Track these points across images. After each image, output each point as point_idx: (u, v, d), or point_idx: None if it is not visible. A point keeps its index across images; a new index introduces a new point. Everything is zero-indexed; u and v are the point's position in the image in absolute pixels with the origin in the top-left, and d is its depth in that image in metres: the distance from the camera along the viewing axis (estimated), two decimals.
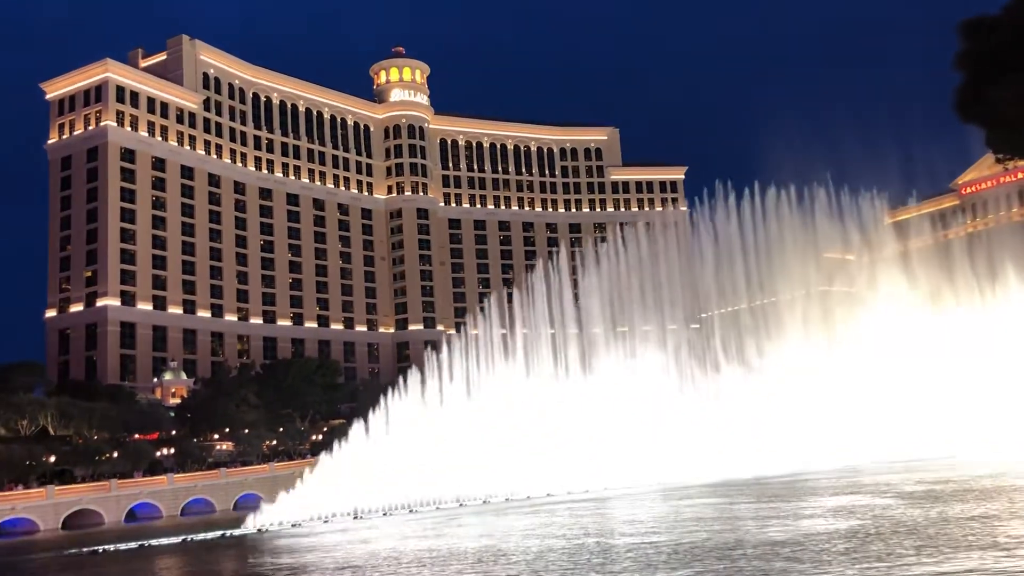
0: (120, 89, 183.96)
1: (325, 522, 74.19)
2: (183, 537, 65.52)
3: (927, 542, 32.16)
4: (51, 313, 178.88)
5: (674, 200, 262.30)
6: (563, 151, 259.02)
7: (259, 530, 70.36)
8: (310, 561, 44.56)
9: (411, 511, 80.00)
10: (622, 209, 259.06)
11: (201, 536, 66.80)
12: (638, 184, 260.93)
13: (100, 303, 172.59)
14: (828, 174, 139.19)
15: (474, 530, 53.89)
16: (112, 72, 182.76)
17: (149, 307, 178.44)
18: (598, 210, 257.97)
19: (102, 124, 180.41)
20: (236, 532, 70.02)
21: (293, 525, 72.68)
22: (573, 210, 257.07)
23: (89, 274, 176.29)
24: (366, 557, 43.34)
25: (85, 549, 63.81)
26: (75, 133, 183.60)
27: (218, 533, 69.14)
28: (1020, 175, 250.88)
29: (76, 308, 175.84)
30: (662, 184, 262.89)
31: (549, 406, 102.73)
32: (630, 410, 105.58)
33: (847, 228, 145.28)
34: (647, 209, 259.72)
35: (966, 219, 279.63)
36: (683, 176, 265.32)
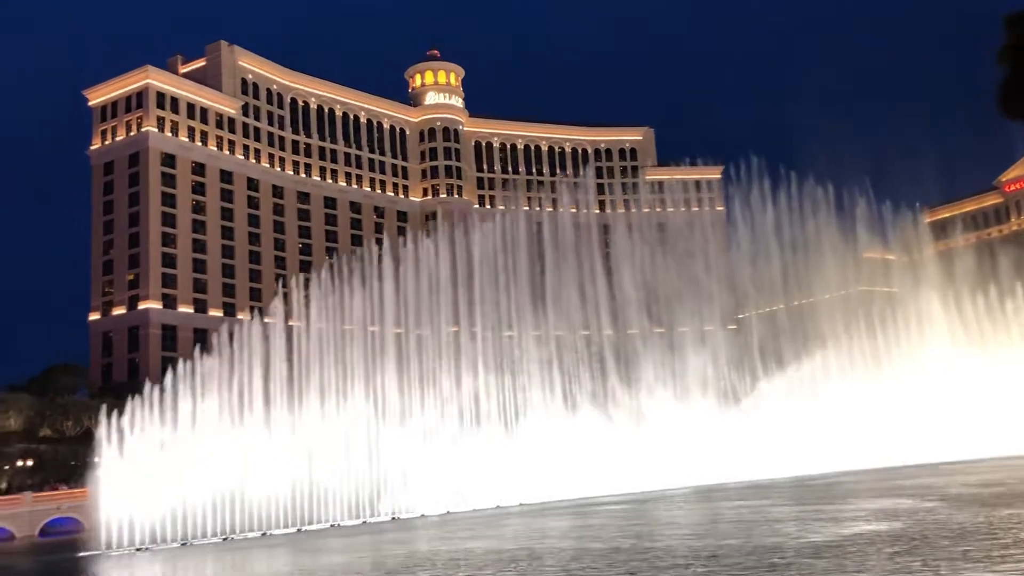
0: (160, 95, 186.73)
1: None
2: None
3: (975, 547, 31.60)
4: (94, 316, 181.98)
5: (711, 200, 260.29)
6: (598, 151, 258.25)
7: None
8: None
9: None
10: (658, 209, 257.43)
11: None
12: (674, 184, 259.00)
13: (142, 306, 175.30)
14: (868, 180, 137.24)
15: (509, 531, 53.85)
16: (152, 79, 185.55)
17: (190, 310, 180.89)
18: (633, 210, 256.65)
19: (143, 130, 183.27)
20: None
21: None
22: (608, 211, 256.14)
23: (131, 277, 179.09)
24: None
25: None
26: (117, 139, 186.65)
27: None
28: None
29: (119, 311, 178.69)
30: (698, 184, 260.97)
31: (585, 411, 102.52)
32: (668, 412, 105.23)
33: (886, 227, 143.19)
34: (683, 209, 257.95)
35: (1010, 217, 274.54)
36: (719, 176, 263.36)
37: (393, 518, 78.51)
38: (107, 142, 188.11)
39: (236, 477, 73.06)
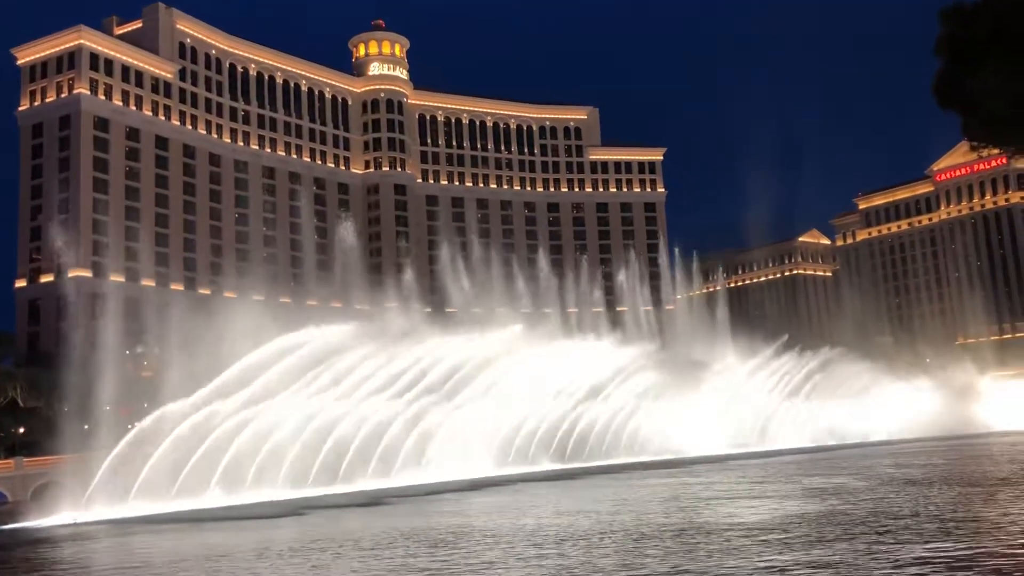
0: (94, 57, 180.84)
1: None
2: None
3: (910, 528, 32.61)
4: (21, 283, 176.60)
5: (652, 181, 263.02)
6: (542, 129, 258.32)
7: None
8: None
9: None
10: (600, 189, 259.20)
11: None
12: (617, 164, 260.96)
13: (71, 274, 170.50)
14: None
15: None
16: (86, 40, 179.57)
17: (122, 279, 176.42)
18: (577, 190, 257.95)
19: (75, 92, 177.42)
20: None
21: None
22: (552, 189, 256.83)
23: (60, 244, 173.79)
24: None
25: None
26: (47, 101, 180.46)
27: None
28: (994, 163, 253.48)
29: (47, 279, 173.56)
30: (640, 165, 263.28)
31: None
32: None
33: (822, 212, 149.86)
34: (625, 190, 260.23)
35: (939, 206, 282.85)
36: (661, 157, 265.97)
37: None
38: (36, 103, 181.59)
39: None
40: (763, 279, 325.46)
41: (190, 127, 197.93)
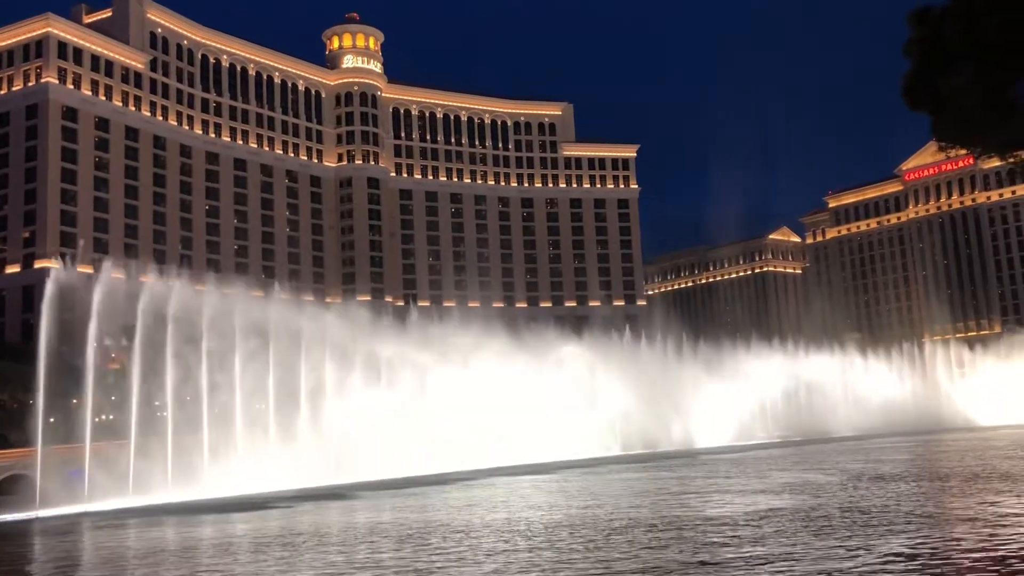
0: (62, 45, 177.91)
1: None
2: None
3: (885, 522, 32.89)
4: None
5: (626, 178, 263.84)
6: (517, 124, 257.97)
7: None
8: None
9: None
10: (574, 185, 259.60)
11: None
12: (590, 161, 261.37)
13: (38, 265, 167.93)
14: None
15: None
16: (54, 28, 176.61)
17: (90, 271, 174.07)
18: (551, 185, 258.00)
19: (43, 81, 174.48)
20: None
21: None
22: (526, 184, 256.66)
23: (27, 235, 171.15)
24: None
25: None
26: (14, 89, 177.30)
27: None
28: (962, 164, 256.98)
29: (13, 269, 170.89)
30: (614, 161, 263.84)
31: None
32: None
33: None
34: (599, 186, 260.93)
35: (908, 205, 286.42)
36: (635, 154, 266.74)
37: None
38: (3, 92, 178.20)
39: None
40: (734, 276, 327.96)
41: (161, 118, 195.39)
